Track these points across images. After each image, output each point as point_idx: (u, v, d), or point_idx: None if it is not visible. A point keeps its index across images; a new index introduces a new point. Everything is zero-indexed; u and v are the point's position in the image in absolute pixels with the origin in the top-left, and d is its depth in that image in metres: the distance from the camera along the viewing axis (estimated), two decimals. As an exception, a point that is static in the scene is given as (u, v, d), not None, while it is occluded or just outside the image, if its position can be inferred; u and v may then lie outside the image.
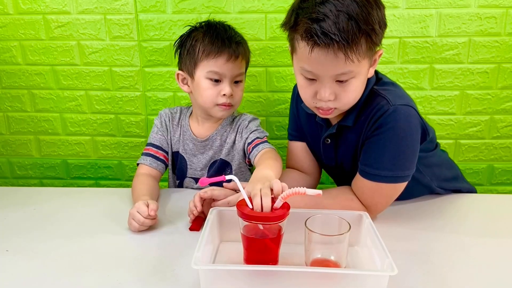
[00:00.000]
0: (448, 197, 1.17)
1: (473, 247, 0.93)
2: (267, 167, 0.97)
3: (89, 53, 1.53)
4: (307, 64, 0.90)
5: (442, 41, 1.42)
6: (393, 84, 1.03)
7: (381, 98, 0.96)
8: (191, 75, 1.15)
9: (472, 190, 1.23)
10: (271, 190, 0.82)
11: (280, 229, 0.81)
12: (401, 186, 0.99)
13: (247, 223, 0.81)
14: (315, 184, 1.21)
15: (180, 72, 1.18)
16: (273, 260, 0.83)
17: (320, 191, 0.81)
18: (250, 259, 0.83)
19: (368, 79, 0.99)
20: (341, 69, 0.88)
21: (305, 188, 0.80)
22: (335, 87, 0.92)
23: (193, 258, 0.73)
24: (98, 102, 1.59)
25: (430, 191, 1.16)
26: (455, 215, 1.08)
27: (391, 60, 1.46)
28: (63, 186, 1.69)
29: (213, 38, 1.12)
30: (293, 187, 0.81)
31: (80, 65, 1.54)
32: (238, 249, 0.85)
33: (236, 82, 1.16)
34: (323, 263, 0.81)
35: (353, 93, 0.93)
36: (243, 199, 0.84)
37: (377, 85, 1.00)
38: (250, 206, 0.81)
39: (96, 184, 1.70)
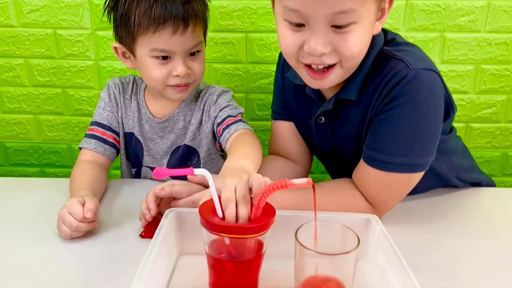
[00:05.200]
0: (467, 191, 0.95)
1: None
2: (242, 155, 0.73)
3: (28, 12, 1.25)
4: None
5: (456, 4, 1.20)
6: (408, 44, 0.80)
7: (397, 60, 0.73)
8: (131, 51, 0.87)
9: (491, 183, 1.01)
10: (250, 189, 0.59)
11: (260, 246, 0.57)
12: (417, 177, 0.77)
13: (214, 236, 0.56)
14: (305, 174, 0.98)
15: (117, 45, 0.90)
16: (251, 285, 0.60)
17: (309, 180, 0.56)
18: (218, 284, 0.59)
19: (374, 38, 0.75)
20: (339, 4, 0.64)
21: (289, 180, 0.55)
22: (330, 35, 0.68)
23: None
24: (41, 73, 1.32)
25: (446, 183, 0.94)
26: (483, 216, 0.86)
27: (396, 27, 1.23)
28: (2, 174, 1.43)
29: (151, 3, 0.82)
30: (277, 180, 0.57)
31: (17, 26, 1.27)
32: (203, 264, 0.62)
33: (193, 54, 0.88)
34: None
35: (356, 44, 0.69)
36: (210, 200, 0.59)
37: (390, 45, 0.77)
38: (220, 213, 0.57)
39: (41, 172, 1.44)
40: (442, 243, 0.77)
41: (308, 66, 0.73)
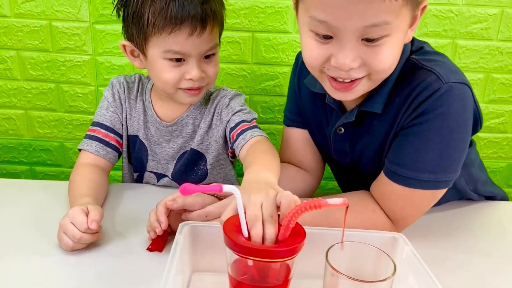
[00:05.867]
0: (482, 205, 0.93)
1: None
2: (264, 168, 0.68)
3: (22, 1, 1.18)
4: (321, 9, 0.61)
5: (469, 11, 1.17)
6: (437, 53, 0.76)
7: (428, 72, 0.69)
8: (142, 51, 0.82)
9: (504, 197, 0.99)
10: (278, 207, 0.55)
11: (288, 271, 0.53)
12: (441, 193, 0.74)
13: (237, 256, 0.52)
14: (317, 185, 0.93)
15: (126, 43, 0.84)
16: (275, 311, 0.55)
17: (345, 200, 0.53)
18: (240, 308, 0.55)
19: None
20: (372, 16, 0.60)
21: (323, 199, 0.51)
22: (360, 49, 0.63)
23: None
24: (34, 67, 1.24)
25: (461, 196, 0.92)
26: (503, 231, 0.84)
27: (407, 31, 1.19)
28: (-11, 172, 1.35)
29: (167, 1, 0.76)
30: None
31: (10, 16, 1.20)
32: (218, 283, 0.59)
33: (207, 56, 0.83)
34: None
35: (388, 57, 0.65)
36: (235, 216, 0.55)
37: (418, 54, 0.73)
38: (246, 233, 0.52)
39: (31, 170, 1.36)
40: (463, 261, 0.73)
41: (332, 77, 0.69)
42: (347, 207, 0.53)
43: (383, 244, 0.61)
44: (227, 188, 0.49)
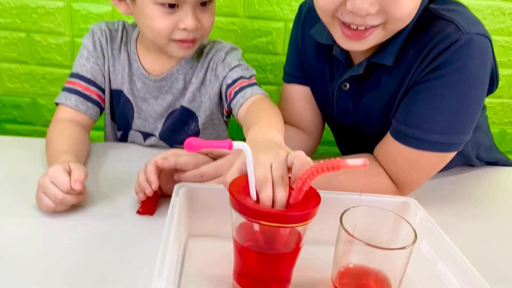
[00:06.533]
0: (485, 170, 0.91)
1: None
2: (269, 126, 0.62)
3: None
4: None
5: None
6: (458, 3, 0.71)
7: (446, 22, 0.64)
8: None
9: (508, 163, 0.97)
10: (289, 168, 0.49)
11: (299, 238, 0.48)
12: (450, 156, 0.70)
13: (242, 220, 0.47)
14: (315, 147, 0.89)
15: None
16: (283, 280, 0.51)
17: (366, 161, 0.46)
18: (244, 275, 0.50)
19: None
20: None
21: (342, 160, 0.45)
22: None
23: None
24: (2, 13, 1.14)
25: (464, 161, 0.89)
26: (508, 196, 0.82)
27: None
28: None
29: None
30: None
31: (-28, -46, 1.06)
32: (217, 249, 0.56)
33: (203, 3, 0.75)
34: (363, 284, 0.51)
35: (408, 3, 0.60)
36: (241, 178, 0.49)
37: (436, 3, 0.68)
38: (254, 195, 0.47)
39: (0, 128, 1.28)
40: (467, 227, 0.70)
41: (345, 24, 0.62)
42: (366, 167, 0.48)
43: (394, 209, 0.57)
44: (237, 144, 0.43)
